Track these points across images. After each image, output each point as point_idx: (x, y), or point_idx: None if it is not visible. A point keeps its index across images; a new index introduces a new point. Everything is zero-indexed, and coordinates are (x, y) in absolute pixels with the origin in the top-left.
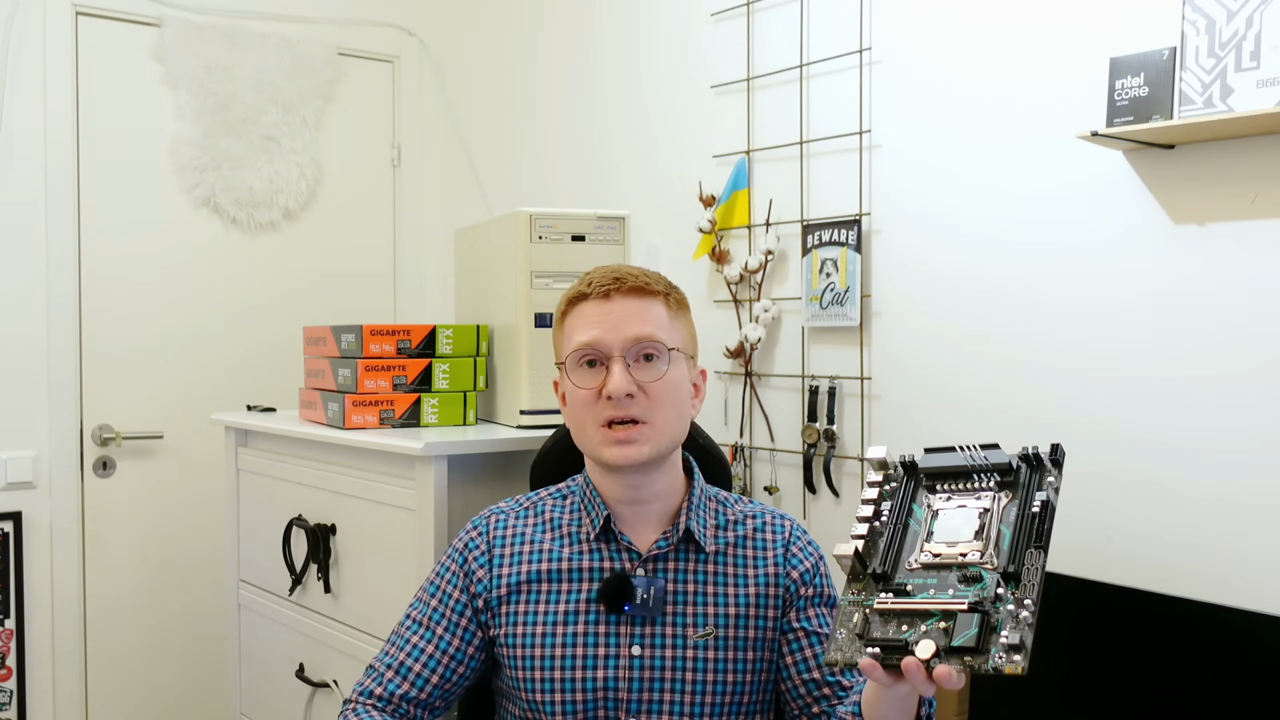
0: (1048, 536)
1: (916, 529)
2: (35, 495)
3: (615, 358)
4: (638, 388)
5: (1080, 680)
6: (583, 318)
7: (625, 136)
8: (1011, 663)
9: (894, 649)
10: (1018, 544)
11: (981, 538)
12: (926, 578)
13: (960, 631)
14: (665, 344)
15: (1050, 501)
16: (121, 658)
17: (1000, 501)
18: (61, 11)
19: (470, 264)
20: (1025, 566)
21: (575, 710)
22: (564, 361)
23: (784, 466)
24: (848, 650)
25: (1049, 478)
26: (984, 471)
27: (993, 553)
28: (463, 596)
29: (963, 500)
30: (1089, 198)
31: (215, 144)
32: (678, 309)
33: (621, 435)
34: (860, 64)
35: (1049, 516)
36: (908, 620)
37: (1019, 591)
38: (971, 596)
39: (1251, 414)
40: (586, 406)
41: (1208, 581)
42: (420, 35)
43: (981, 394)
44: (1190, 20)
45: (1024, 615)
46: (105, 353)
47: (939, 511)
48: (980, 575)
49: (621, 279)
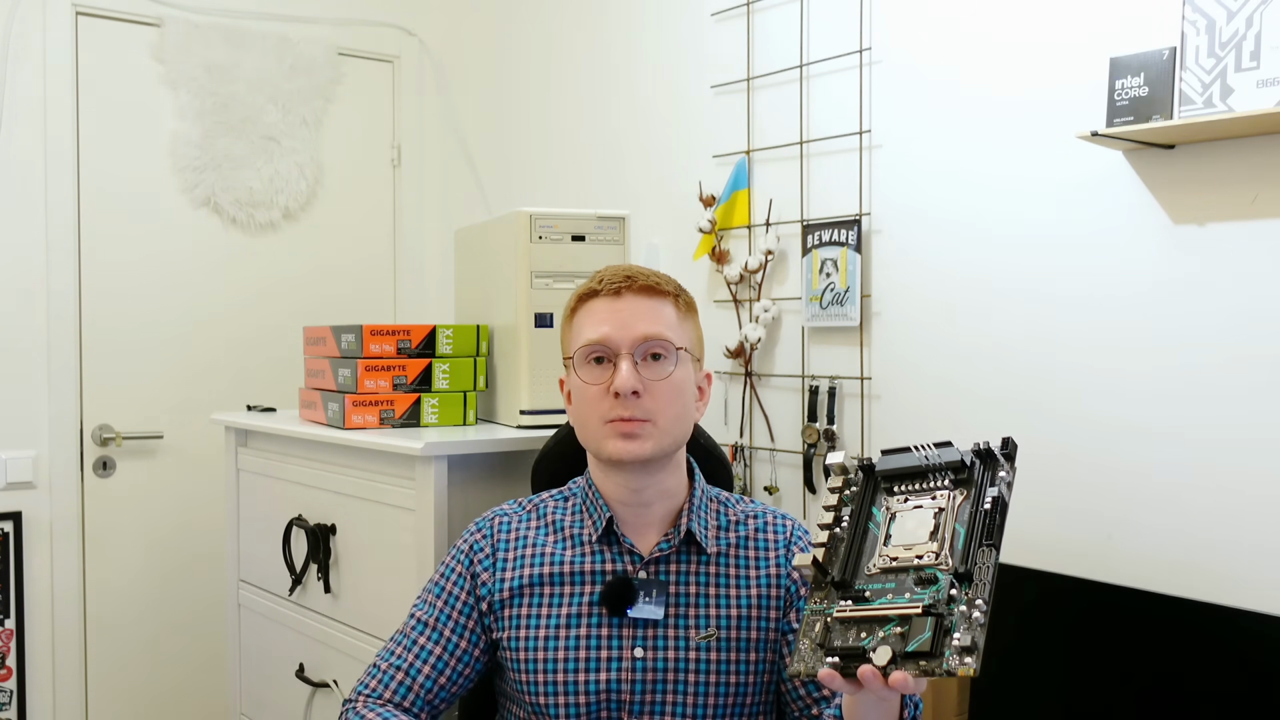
0: (999, 533)
1: (876, 532)
2: (35, 495)
3: (623, 355)
4: (644, 386)
5: (1080, 680)
6: (592, 314)
7: (625, 136)
8: (964, 665)
9: (853, 657)
10: (970, 543)
11: (936, 538)
12: (885, 582)
13: (914, 636)
14: (673, 344)
15: (1003, 497)
16: (121, 658)
17: (955, 500)
18: (61, 11)
19: (470, 264)
20: (978, 565)
21: (579, 712)
22: (571, 357)
23: (784, 466)
24: (810, 660)
25: (1001, 472)
26: (938, 470)
27: (947, 553)
28: (468, 598)
29: (919, 500)
30: (1089, 197)
31: (215, 144)
32: (686, 311)
33: (626, 430)
34: (860, 64)
35: (1001, 512)
36: (866, 627)
37: (971, 592)
38: (926, 599)
39: (1252, 413)
40: (592, 403)
41: (1208, 581)
42: (420, 35)
43: (982, 394)
44: (1190, 20)
45: (976, 616)
46: (105, 352)
47: (896, 514)
48: (935, 577)
49: (633, 277)
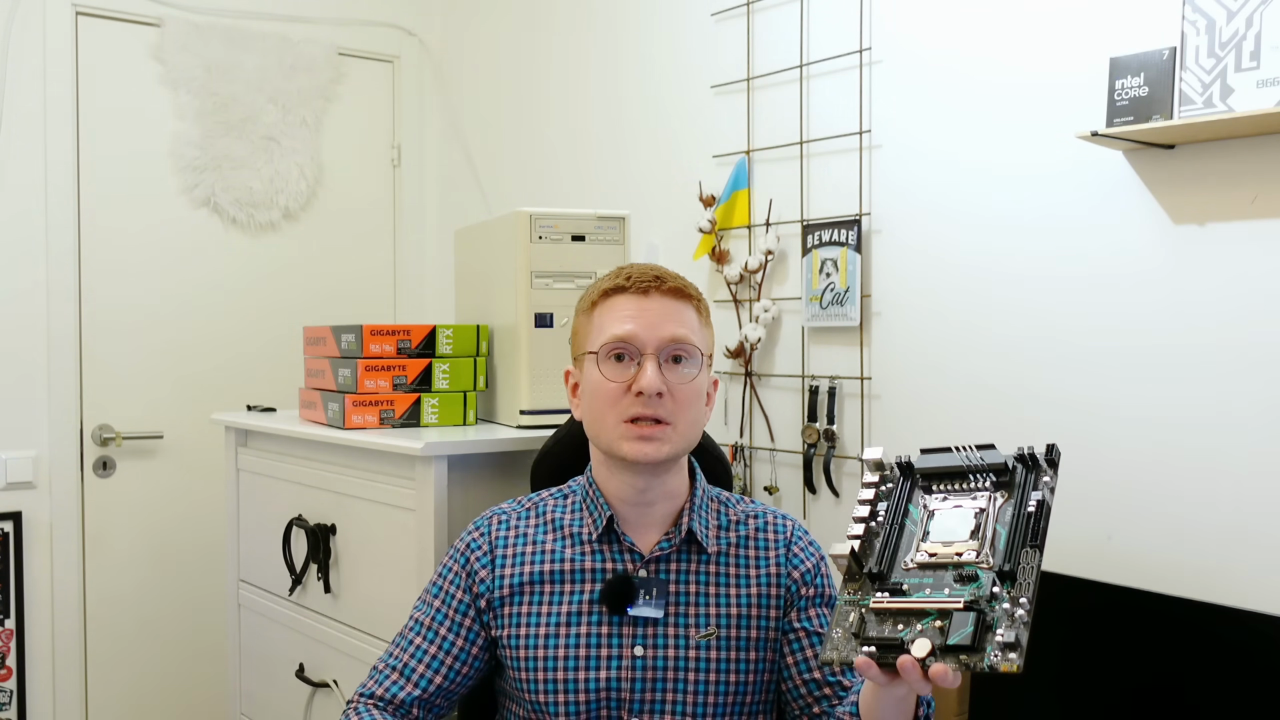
0: (1044, 536)
1: (912, 529)
2: (35, 495)
3: (649, 355)
4: (667, 389)
5: (1080, 680)
6: (617, 310)
7: (625, 136)
8: (1007, 660)
9: (890, 648)
10: (1013, 543)
11: (977, 537)
12: (922, 577)
13: (956, 630)
14: (698, 348)
15: (1046, 501)
16: (121, 657)
17: (996, 502)
18: (61, 11)
19: (470, 264)
20: (1021, 565)
21: (578, 711)
22: (593, 352)
23: (784, 466)
24: (844, 649)
25: (1044, 478)
26: (980, 472)
27: (988, 552)
28: (465, 597)
29: (959, 500)
30: (1089, 197)
31: (215, 144)
32: (706, 317)
33: (646, 432)
34: (860, 64)
35: (1044, 516)
36: (903, 619)
37: (1015, 590)
38: (967, 595)
39: (1252, 413)
40: (611, 400)
41: (1208, 581)
42: (420, 35)
43: (981, 394)
44: (1190, 20)
45: (1020, 614)
46: (105, 353)
47: (935, 511)
48: (976, 574)
49: (662, 278)
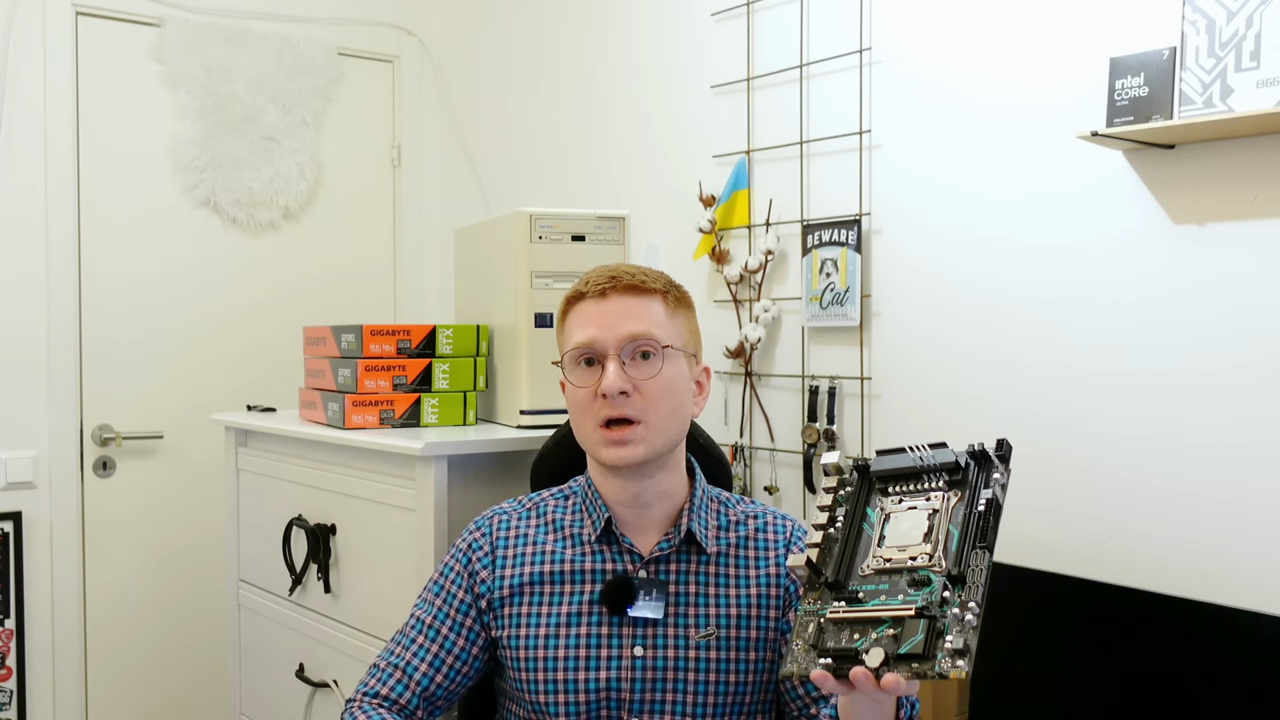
0: (993, 535)
1: (870, 533)
2: (35, 495)
3: (610, 356)
4: (633, 386)
5: (1080, 680)
6: (580, 317)
7: (625, 136)
8: (956, 667)
9: (845, 658)
10: (964, 545)
11: (930, 540)
12: (879, 583)
13: (907, 638)
14: (660, 341)
15: (996, 499)
16: (121, 658)
17: (949, 501)
18: (61, 11)
19: (470, 264)
20: (970, 567)
21: (578, 711)
22: (562, 361)
23: (784, 466)
24: (803, 661)
25: (995, 474)
26: (933, 471)
27: (940, 555)
28: (466, 596)
29: (913, 502)
30: (1089, 198)
31: (215, 144)
32: (676, 306)
33: (616, 435)
34: (860, 64)
35: (995, 514)
36: (859, 628)
37: (964, 594)
38: (919, 601)
39: (1252, 413)
40: (584, 406)
41: (1208, 581)
42: (420, 35)
43: (982, 393)
44: (1190, 20)
45: (969, 618)
46: (105, 353)
47: (890, 515)
48: (929, 579)
49: (617, 277)
